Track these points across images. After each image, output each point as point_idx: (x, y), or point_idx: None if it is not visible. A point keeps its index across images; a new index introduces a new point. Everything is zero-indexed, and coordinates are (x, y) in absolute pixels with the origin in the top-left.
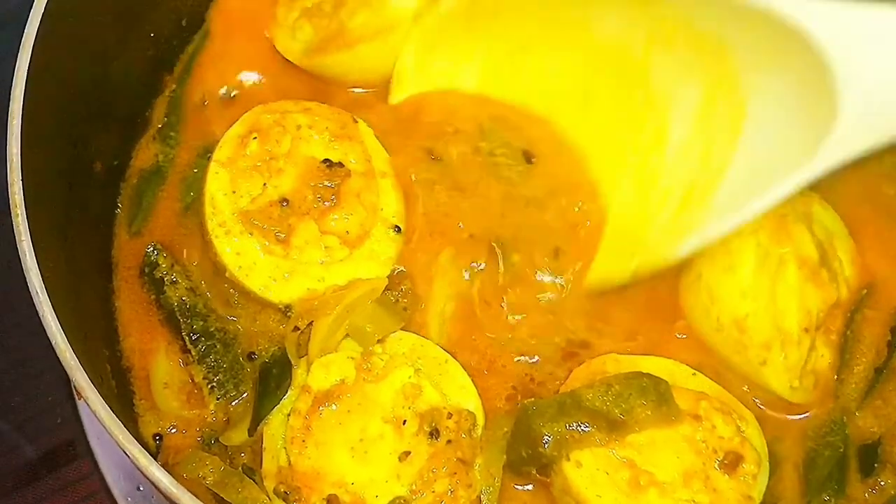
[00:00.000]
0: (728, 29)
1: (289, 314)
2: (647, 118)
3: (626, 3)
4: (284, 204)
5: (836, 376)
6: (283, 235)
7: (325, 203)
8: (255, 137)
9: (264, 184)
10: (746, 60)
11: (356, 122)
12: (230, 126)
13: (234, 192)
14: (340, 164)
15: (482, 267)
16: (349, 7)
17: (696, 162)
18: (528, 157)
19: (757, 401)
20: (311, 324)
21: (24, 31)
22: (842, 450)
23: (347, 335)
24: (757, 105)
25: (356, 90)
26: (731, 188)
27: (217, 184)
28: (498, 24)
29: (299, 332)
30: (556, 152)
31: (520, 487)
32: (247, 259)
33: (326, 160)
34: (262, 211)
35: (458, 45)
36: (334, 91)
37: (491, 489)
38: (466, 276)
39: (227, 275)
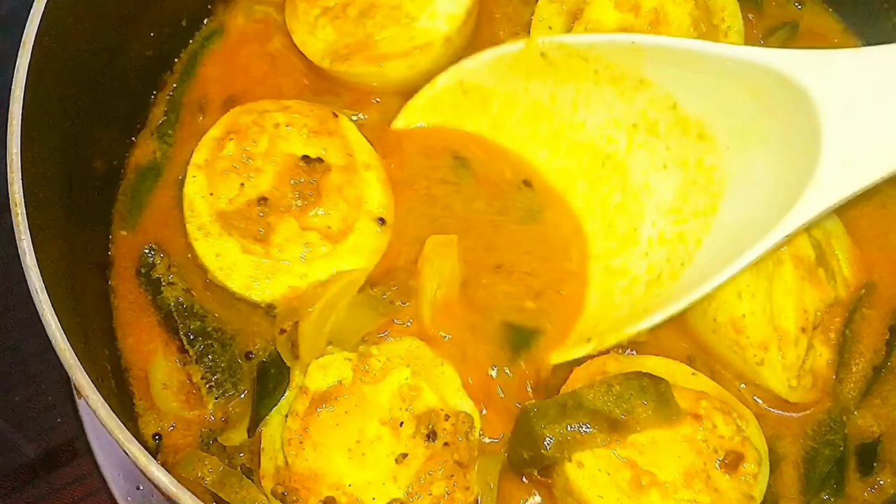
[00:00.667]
0: (712, 106)
1: (272, 314)
2: (622, 219)
3: (617, 95)
4: (263, 203)
5: (834, 376)
6: (262, 233)
7: (306, 199)
8: (231, 138)
9: (242, 184)
10: (729, 138)
11: (336, 116)
12: None
13: (211, 194)
14: (319, 160)
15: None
16: (377, 20)
17: (665, 255)
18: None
19: (757, 400)
20: (296, 324)
21: (23, 32)
22: (841, 449)
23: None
24: (736, 182)
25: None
26: (700, 268)
27: (194, 187)
28: (489, 104)
29: (285, 333)
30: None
31: (521, 489)
32: (226, 260)
33: (305, 156)
34: (240, 211)
35: (457, 108)
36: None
37: (488, 495)
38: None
39: (208, 277)
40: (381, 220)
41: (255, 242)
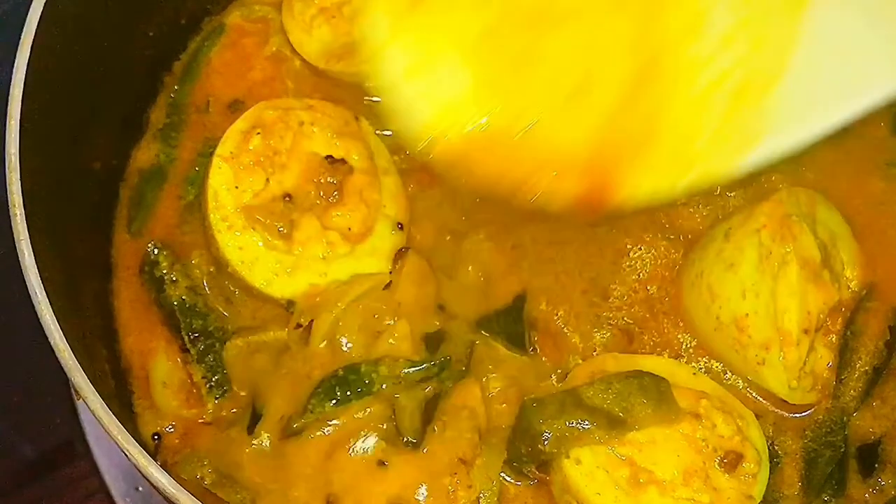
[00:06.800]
0: None
1: (290, 310)
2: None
3: None
4: (287, 199)
5: (835, 377)
6: (285, 230)
7: (328, 199)
8: (258, 133)
9: (267, 179)
10: None
11: (358, 119)
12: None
13: (236, 186)
14: (343, 161)
15: None
16: None
17: (745, 50)
18: None
19: (758, 398)
20: (311, 321)
21: (22, 31)
22: (842, 450)
23: None
24: None
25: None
26: (797, 87)
27: (220, 178)
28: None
29: (301, 328)
30: None
31: (520, 485)
32: (249, 254)
33: (329, 156)
34: (265, 206)
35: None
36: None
37: (489, 492)
38: None
39: (229, 270)
40: (399, 226)
41: (278, 238)
